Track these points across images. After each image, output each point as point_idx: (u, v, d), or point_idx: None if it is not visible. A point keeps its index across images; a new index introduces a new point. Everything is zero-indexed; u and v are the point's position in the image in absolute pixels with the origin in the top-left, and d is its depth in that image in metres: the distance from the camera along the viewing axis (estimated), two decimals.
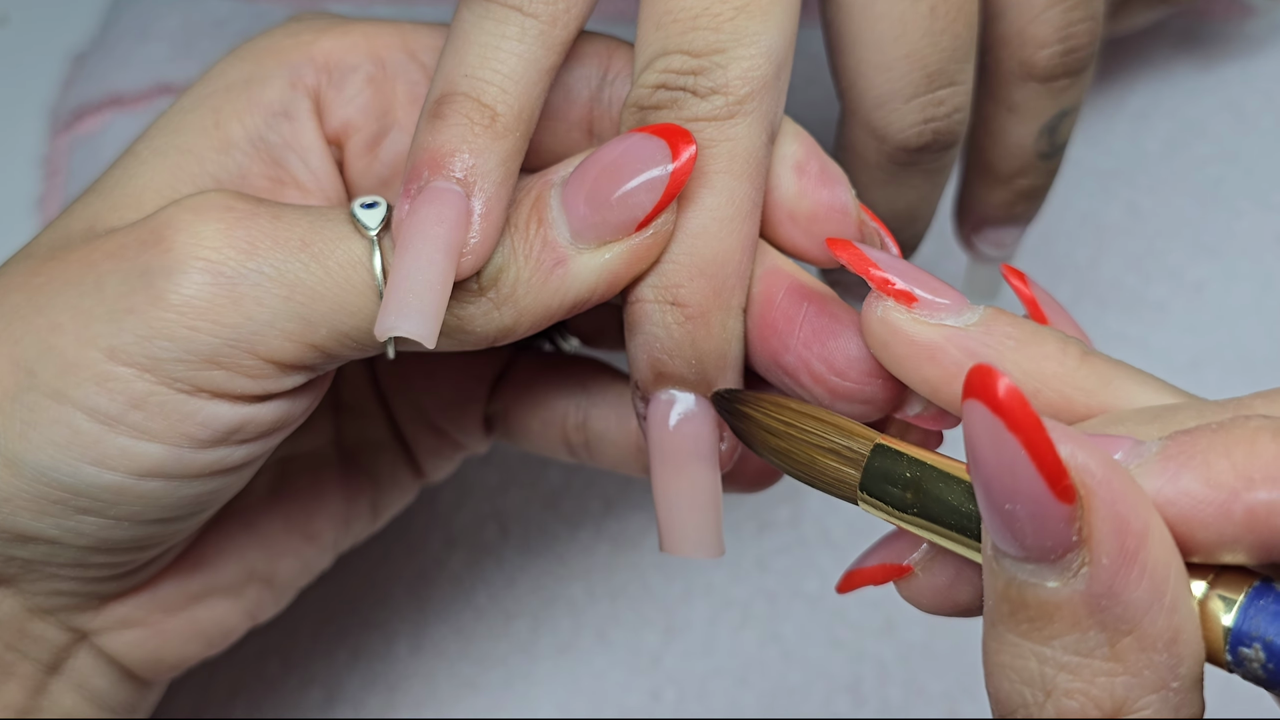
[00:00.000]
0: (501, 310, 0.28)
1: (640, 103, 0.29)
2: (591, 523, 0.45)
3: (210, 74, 0.32)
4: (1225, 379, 0.46)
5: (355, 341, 0.28)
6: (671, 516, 0.30)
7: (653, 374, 0.29)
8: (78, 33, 0.54)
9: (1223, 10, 0.52)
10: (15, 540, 0.29)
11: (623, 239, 0.28)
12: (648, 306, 0.29)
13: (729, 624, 0.43)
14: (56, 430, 0.28)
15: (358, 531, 0.36)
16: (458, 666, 0.43)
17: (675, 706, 0.42)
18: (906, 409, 0.29)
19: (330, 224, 0.28)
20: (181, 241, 0.27)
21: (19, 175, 0.52)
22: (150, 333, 0.27)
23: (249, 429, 0.29)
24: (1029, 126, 0.36)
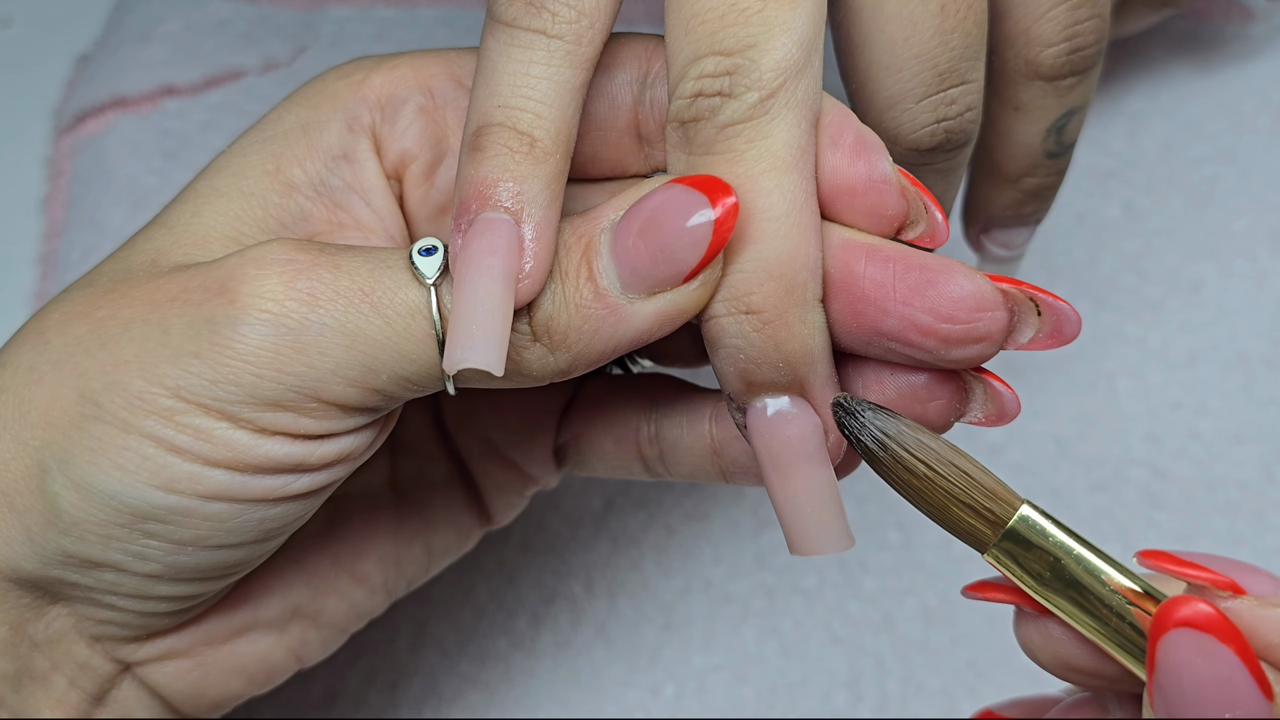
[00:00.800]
0: (556, 355, 0.28)
1: (680, 116, 0.29)
2: (591, 520, 0.45)
3: (266, 120, 0.33)
4: (1222, 377, 0.46)
5: (416, 385, 0.29)
6: (795, 519, 0.29)
7: (743, 384, 0.29)
8: (81, 35, 0.54)
9: (1221, 12, 0.52)
10: (82, 565, 0.29)
11: (671, 289, 0.28)
12: (723, 321, 0.28)
13: (728, 620, 0.43)
14: (124, 456, 0.28)
15: (411, 575, 0.36)
16: (458, 663, 0.43)
17: (674, 703, 0.43)
18: (1018, 337, 0.29)
19: (389, 272, 0.28)
20: (246, 294, 0.28)
21: (23, 176, 0.52)
22: (216, 377, 0.28)
23: (313, 461, 0.29)
24: (1036, 126, 0.36)
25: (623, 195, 0.29)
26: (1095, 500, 0.45)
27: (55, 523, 0.29)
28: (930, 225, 0.30)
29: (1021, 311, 0.28)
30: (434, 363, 0.28)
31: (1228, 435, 0.45)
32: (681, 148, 0.29)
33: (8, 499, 0.29)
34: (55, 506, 0.29)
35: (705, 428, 0.32)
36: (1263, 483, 0.45)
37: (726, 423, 0.32)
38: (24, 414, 0.29)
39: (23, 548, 0.29)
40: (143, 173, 0.50)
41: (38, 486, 0.29)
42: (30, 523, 0.29)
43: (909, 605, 0.44)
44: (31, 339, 0.30)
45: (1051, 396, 0.46)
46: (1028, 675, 0.42)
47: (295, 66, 0.52)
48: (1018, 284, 0.28)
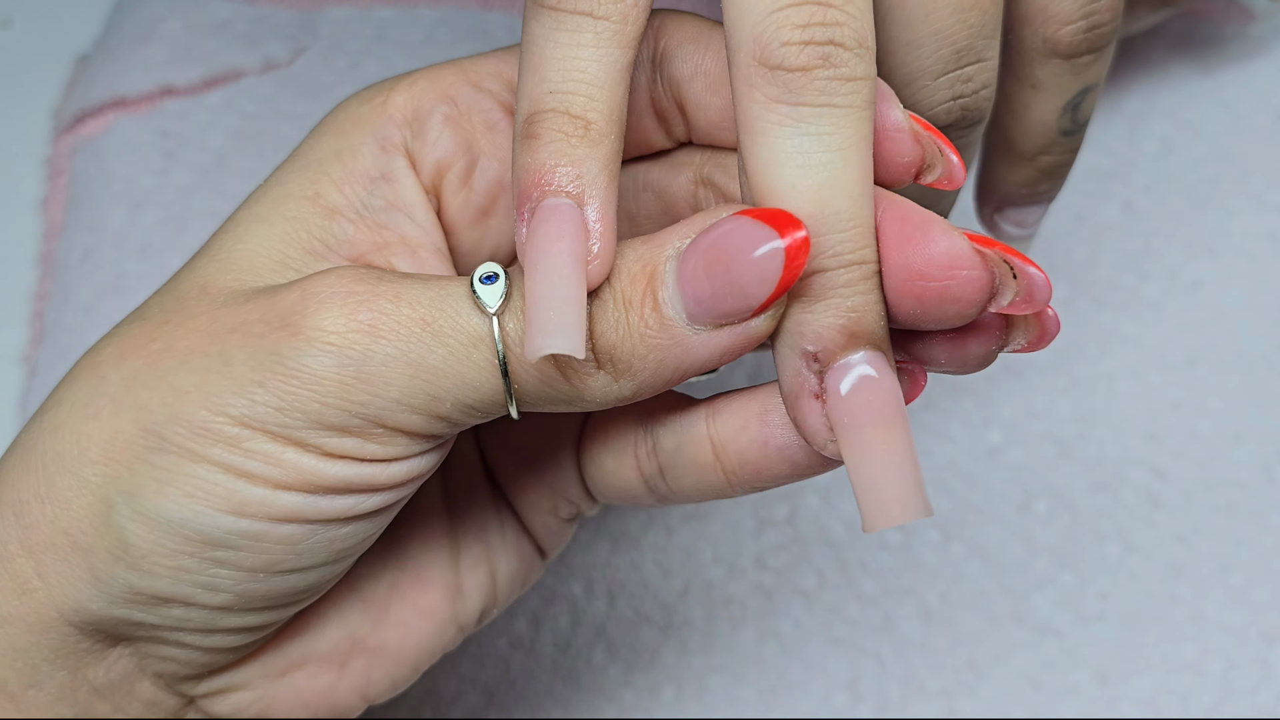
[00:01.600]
0: (620, 383, 0.28)
1: (782, 63, 0.27)
2: (591, 521, 0.45)
3: (297, 152, 0.32)
4: (1221, 377, 0.46)
5: (480, 412, 0.28)
6: (882, 486, 0.28)
7: (844, 337, 0.28)
8: (80, 35, 0.54)
9: (1221, 13, 0.52)
10: (150, 602, 0.29)
11: (739, 322, 0.28)
12: (833, 273, 0.27)
13: (728, 621, 0.43)
14: (193, 484, 0.28)
15: (478, 604, 0.35)
16: (458, 664, 0.43)
17: (674, 703, 0.43)
18: (1000, 300, 0.28)
19: (450, 301, 0.28)
20: (309, 327, 0.28)
21: (22, 177, 0.52)
22: (282, 405, 0.28)
23: (383, 481, 0.29)
24: (1052, 104, 0.36)
25: (687, 222, 0.28)
26: (1095, 500, 0.45)
27: (123, 557, 0.28)
28: (947, 168, 0.29)
29: (1000, 275, 0.28)
30: (497, 390, 0.28)
31: (1228, 435, 0.45)
32: (782, 99, 0.27)
33: (70, 538, 0.29)
34: (123, 540, 0.28)
35: (703, 429, 0.31)
36: (1263, 483, 0.45)
37: (724, 417, 0.31)
38: (83, 450, 0.29)
39: (87, 587, 0.29)
40: (142, 173, 0.50)
41: (103, 522, 0.28)
42: (96, 560, 0.29)
43: (909, 606, 0.44)
44: (86, 374, 0.29)
45: (1052, 397, 0.46)
46: (1028, 675, 0.43)
47: (295, 67, 0.52)
48: (993, 244, 0.28)
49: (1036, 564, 0.44)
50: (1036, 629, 0.43)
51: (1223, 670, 0.42)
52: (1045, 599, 0.43)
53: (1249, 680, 0.42)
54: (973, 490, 0.45)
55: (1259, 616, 0.43)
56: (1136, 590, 0.43)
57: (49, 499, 0.29)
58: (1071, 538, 0.44)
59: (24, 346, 0.49)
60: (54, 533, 0.29)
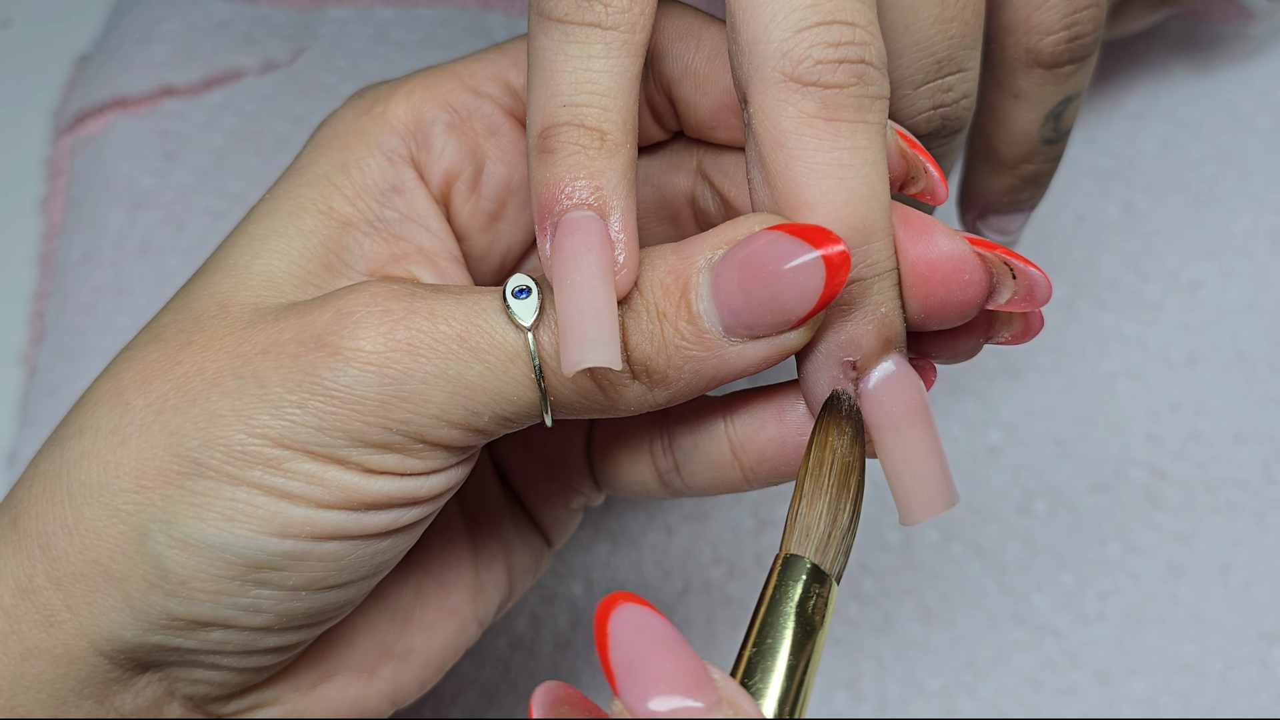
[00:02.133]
0: (655, 392, 0.28)
1: (818, 80, 0.27)
2: (591, 521, 0.45)
3: (299, 166, 0.32)
4: (1222, 377, 0.46)
5: (516, 423, 0.29)
6: (920, 481, 0.29)
7: (880, 344, 0.28)
8: (81, 35, 0.54)
9: (1220, 13, 0.52)
10: (188, 628, 0.29)
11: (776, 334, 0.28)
12: (870, 283, 0.28)
13: (727, 621, 0.43)
14: (233, 507, 0.28)
15: (496, 599, 0.35)
16: (458, 664, 0.43)
17: None
18: (996, 298, 0.29)
19: (485, 316, 0.28)
20: (346, 348, 0.28)
21: (22, 177, 0.52)
22: (322, 425, 0.28)
23: (424, 494, 0.29)
24: (1034, 113, 0.36)
25: (718, 232, 0.28)
26: (1095, 500, 0.45)
27: (160, 585, 0.28)
28: (930, 182, 0.30)
29: (998, 275, 0.29)
30: (533, 402, 0.28)
31: (1227, 435, 0.45)
32: (817, 114, 0.27)
33: (102, 568, 0.28)
34: (161, 568, 0.28)
35: (720, 428, 0.31)
36: (1263, 483, 0.45)
37: (742, 417, 0.31)
38: (112, 479, 0.28)
39: (121, 616, 0.28)
40: (142, 173, 0.50)
41: (137, 551, 0.28)
42: (131, 589, 0.28)
43: (908, 606, 0.44)
44: (109, 400, 0.29)
45: (1051, 396, 0.46)
46: (1028, 675, 0.43)
47: (294, 67, 0.52)
48: (993, 247, 0.29)
49: (1036, 564, 0.44)
50: (1036, 629, 0.43)
51: (1223, 670, 0.42)
52: (1045, 599, 0.43)
53: (1249, 680, 0.42)
54: (973, 490, 0.45)
55: (1259, 616, 0.43)
56: (1136, 590, 0.43)
57: (77, 529, 0.28)
58: (1071, 538, 0.44)
59: (24, 346, 0.49)
60: (83, 563, 0.28)
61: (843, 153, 0.27)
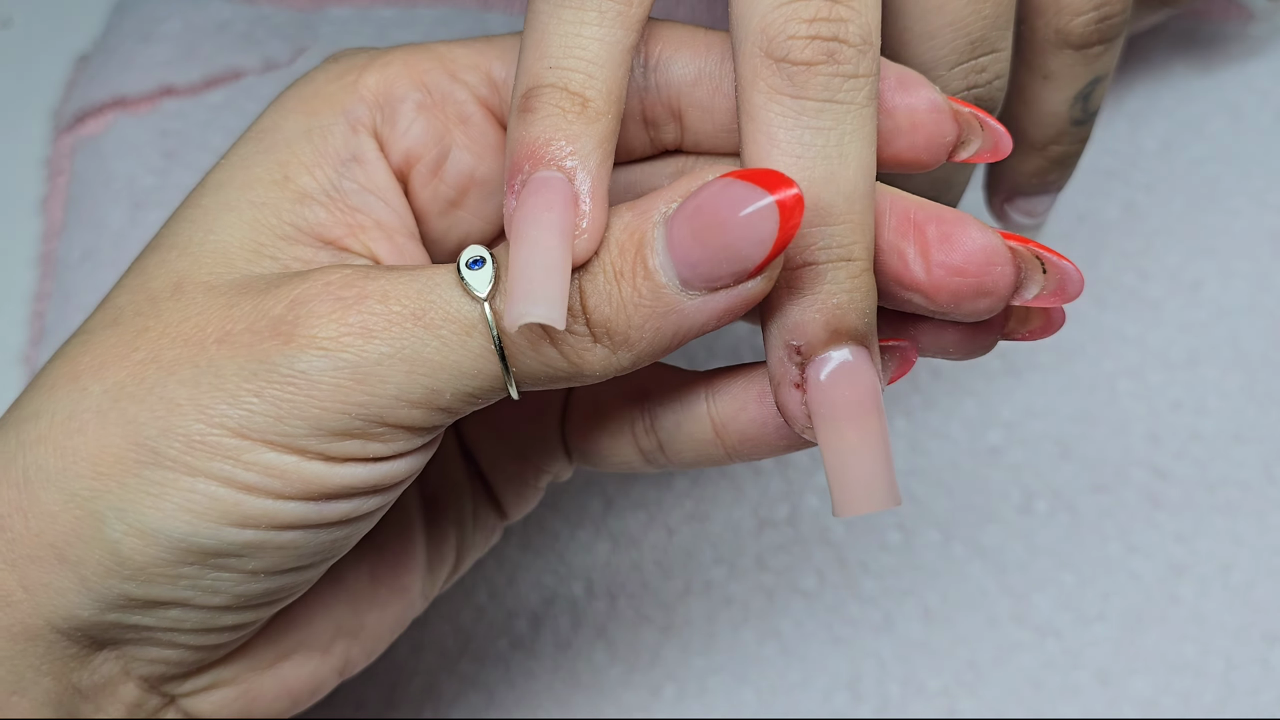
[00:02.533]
0: (619, 355, 0.28)
1: (787, 56, 0.27)
2: (591, 521, 0.45)
3: (261, 128, 0.32)
4: (1222, 377, 0.46)
5: (480, 398, 0.28)
6: (854, 475, 0.29)
7: (827, 333, 0.28)
8: (81, 35, 0.54)
9: (1221, 12, 0.52)
10: (145, 607, 0.29)
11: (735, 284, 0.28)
12: (822, 268, 0.28)
13: (728, 621, 0.43)
14: (191, 499, 0.28)
15: (443, 578, 0.36)
16: (458, 664, 0.43)
17: (674, 704, 0.43)
18: (1024, 293, 0.29)
19: (439, 291, 0.28)
20: (300, 336, 0.28)
21: (22, 177, 0.52)
22: (280, 413, 0.27)
23: (388, 481, 0.29)
24: (1064, 94, 0.36)
25: (672, 187, 0.28)
26: (1095, 500, 0.45)
27: (117, 570, 0.28)
28: (991, 138, 0.30)
29: (1028, 268, 0.29)
30: (496, 375, 0.28)
31: (1228, 435, 0.45)
32: (784, 90, 0.27)
33: (57, 551, 0.28)
34: (117, 554, 0.28)
35: (703, 408, 0.31)
36: (1263, 483, 0.45)
37: (724, 398, 0.31)
38: (68, 465, 0.28)
39: (78, 596, 0.28)
40: (142, 173, 0.50)
41: (93, 536, 0.28)
42: (87, 573, 0.28)
43: (909, 606, 0.44)
44: (65, 385, 0.29)
45: (1051, 396, 0.46)
46: (1028, 675, 0.43)
47: (295, 67, 0.52)
48: (1025, 241, 0.29)
49: (1037, 564, 0.44)
50: (1037, 629, 0.43)
51: (1223, 670, 0.42)
52: (1046, 599, 0.43)
53: (1249, 680, 0.42)
54: (973, 490, 0.45)
55: (1259, 616, 0.43)
56: (1136, 590, 0.43)
57: (32, 513, 0.28)
58: (1072, 538, 0.44)
59: (24, 346, 0.49)
60: (38, 546, 0.28)
61: (804, 131, 0.27)
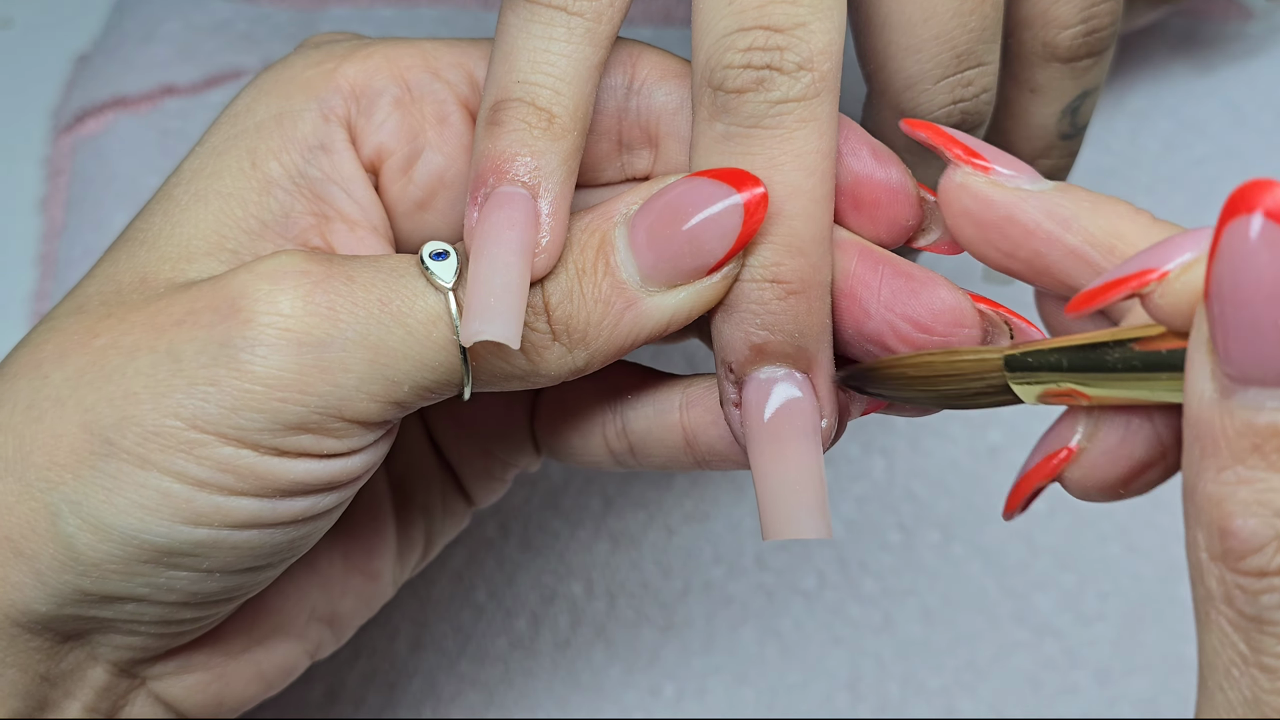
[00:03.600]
0: (575, 353, 0.28)
1: (722, 84, 0.28)
2: (591, 520, 0.45)
3: (235, 111, 0.32)
4: None
5: (435, 393, 0.28)
6: (778, 499, 0.29)
7: (751, 352, 0.29)
8: (81, 35, 0.54)
9: (1221, 11, 0.52)
10: (102, 601, 0.29)
11: (693, 282, 0.28)
12: (746, 286, 0.28)
13: (728, 621, 0.43)
14: (144, 494, 0.27)
15: (413, 563, 0.36)
16: (457, 663, 0.43)
17: (674, 703, 0.43)
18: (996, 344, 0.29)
19: (404, 280, 0.28)
20: (261, 312, 0.27)
21: (22, 176, 0.52)
22: (236, 405, 0.27)
23: (341, 478, 0.29)
24: (1052, 108, 0.36)
25: (635, 190, 0.29)
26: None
27: (72, 565, 0.28)
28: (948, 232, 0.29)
29: (994, 331, 0.29)
30: (455, 369, 0.28)
31: None
32: (718, 116, 0.28)
33: (12, 544, 0.28)
34: (71, 548, 0.28)
35: (675, 417, 0.31)
36: None
37: (698, 409, 0.31)
38: (26, 454, 0.28)
39: (34, 591, 0.28)
40: (142, 172, 0.50)
41: (47, 529, 0.28)
42: (41, 566, 0.28)
43: (909, 606, 0.43)
44: (27, 373, 0.28)
45: None
46: (1028, 676, 0.42)
47: None
48: (996, 306, 0.29)
49: (1037, 564, 0.44)
50: (1036, 629, 0.43)
51: None
52: (1045, 599, 0.43)
53: None
54: (973, 490, 0.45)
55: None
56: (1136, 590, 0.43)
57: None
58: (1072, 538, 0.44)
59: None
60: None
61: (730, 156, 0.28)
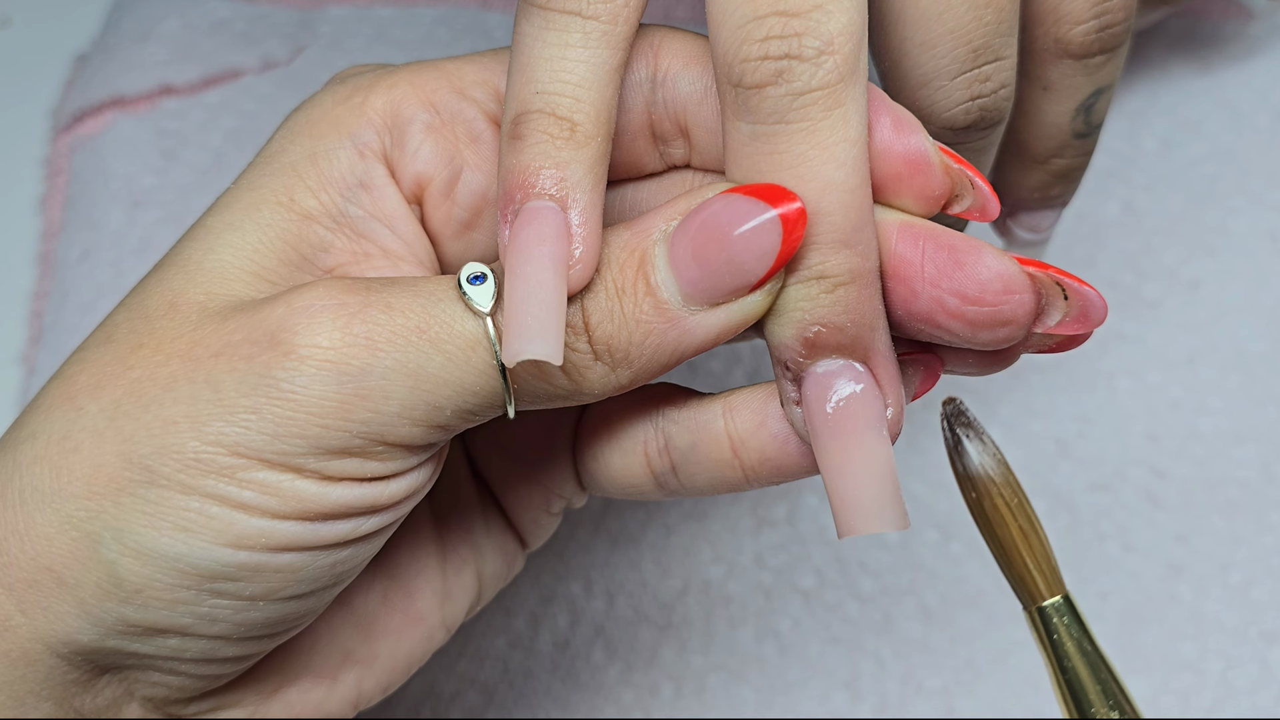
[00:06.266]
0: (618, 372, 0.28)
1: (741, 80, 0.27)
2: (590, 520, 0.45)
3: (269, 152, 0.31)
4: (1221, 376, 0.46)
5: (478, 415, 0.28)
6: (852, 494, 0.28)
7: (805, 347, 0.28)
8: (79, 34, 0.54)
9: (1220, 11, 0.52)
10: (145, 634, 0.28)
11: (736, 299, 0.28)
12: (792, 288, 0.28)
13: (727, 620, 0.43)
14: (186, 517, 0.27)
15: (464, 605, 0.35)
16: (456, 663, 0.43)
17: (672, 703, 0.43)
18: (1046, 320, 0.28)
19: (442, 305, 0.28)
20: (302, 345, 0.27)
21: (21, 176, 0.52)
22: (278, 431, 0.27)
23: (384, 501, 0.28)
24: (1065, 105, 0.36)
25: (672, 204, 0.28)
26: (1095, 500, 0.45)
27: (115, 592, 0.28)
28: (979, 198, 0.29)
29: (1049, 295, 0.28)
30: (496, 392, 0.28)
31: (1227, 434, 0.45)
32: (742, 115, 0.27)
33: (55, 574, 0.28)
34: (114, 576, 0.28)
35: (720, 426, 0.31)
36: (1262, 482, 0.45)
37: (743, 414, 0.30)
38: (63, 485, 0.28)
39: (77, 621, 0.28)
40: (141, 172, 0.50)
41: (90, 558, 0.28)
42: (85, 595, 0.28)
43: (908, 605, 0.43)
44: (61, 405, 0.28)
45: (1051, 396, 0.46)
46: (1027, 675, 0.42)
47: (294, 66, 0.52)
48: (1045, 267, 0.28)
49: None
50: None
51: (1222, 670, 0.42)
52: None
53: (1248, 680, 0.42)
54: None
55: (1258, 616, 0.43)
56: (1136, 590, 0.43)
57: (29, 536, 0.28)
58: (1071, 537, 0.44)
59: (23, 346, 0.49)
60: (36, 570, 0.28)
61: (759, 157, 0.27)
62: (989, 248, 0.28)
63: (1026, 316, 0.28)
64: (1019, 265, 0.28)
